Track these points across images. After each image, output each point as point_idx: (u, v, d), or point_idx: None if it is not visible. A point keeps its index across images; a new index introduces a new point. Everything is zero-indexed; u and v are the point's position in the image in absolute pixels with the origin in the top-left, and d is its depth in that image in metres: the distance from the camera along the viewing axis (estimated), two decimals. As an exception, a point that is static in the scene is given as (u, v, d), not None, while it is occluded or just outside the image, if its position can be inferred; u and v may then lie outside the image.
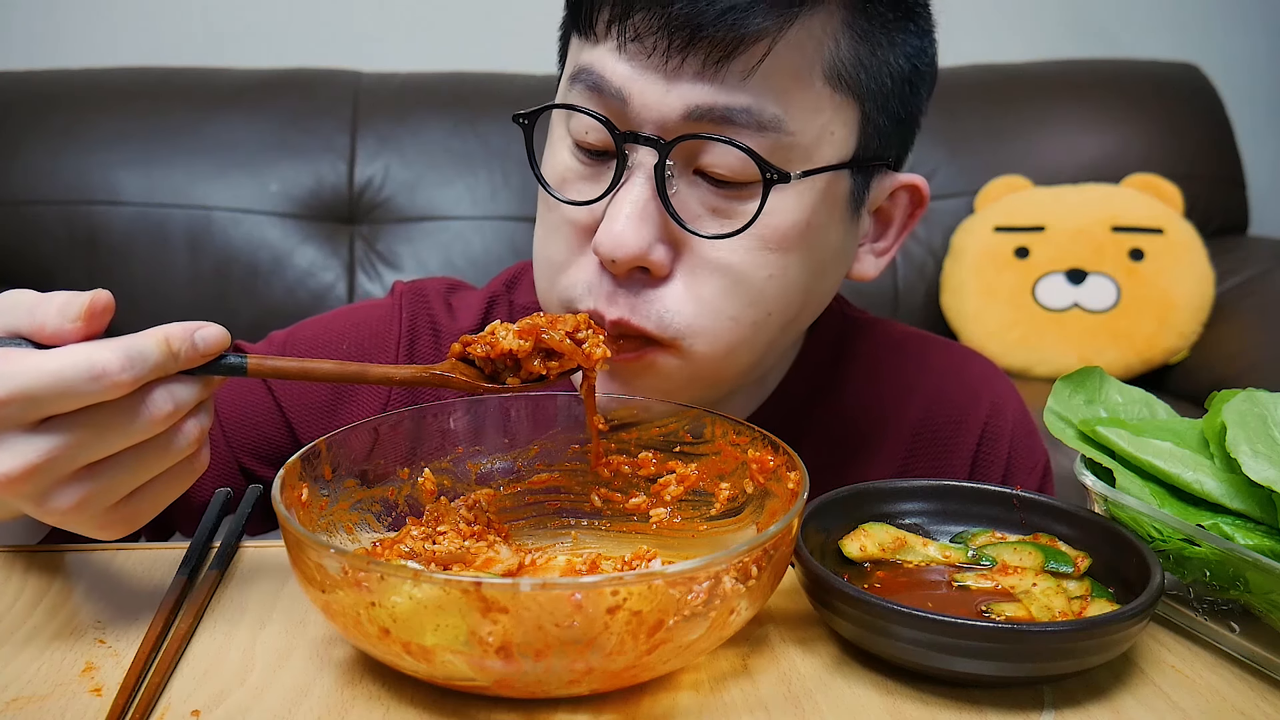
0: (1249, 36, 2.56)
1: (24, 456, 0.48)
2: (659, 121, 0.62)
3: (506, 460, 0.67)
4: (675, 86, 0.61)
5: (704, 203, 0.64)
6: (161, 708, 0.49)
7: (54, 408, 0.48)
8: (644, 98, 0.61)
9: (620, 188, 0.63)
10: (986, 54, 2.34)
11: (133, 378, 0.48)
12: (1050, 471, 0.86)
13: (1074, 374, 0.66)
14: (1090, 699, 0.51)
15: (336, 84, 2.11)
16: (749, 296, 0.65)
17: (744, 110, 0.61)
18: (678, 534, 0.65)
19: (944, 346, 0.87)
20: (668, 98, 0.61)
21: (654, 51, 0.60)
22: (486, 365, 0.60)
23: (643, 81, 0.61)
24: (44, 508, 0.50)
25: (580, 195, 0.65)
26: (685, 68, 0.60)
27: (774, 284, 0.65)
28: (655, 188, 0.62)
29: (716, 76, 0.60)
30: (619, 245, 0.62)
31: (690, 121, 0.61)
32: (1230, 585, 0.54)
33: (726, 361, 0.67)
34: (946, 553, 0.60)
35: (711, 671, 0.53)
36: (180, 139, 2.02)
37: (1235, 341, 1.96)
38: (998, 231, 2.07)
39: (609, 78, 0.62)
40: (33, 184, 1.97)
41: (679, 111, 0.61)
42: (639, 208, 0.62)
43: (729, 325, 0.65)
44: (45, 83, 2.07)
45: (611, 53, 0.62)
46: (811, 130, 0.63)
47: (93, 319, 0.50)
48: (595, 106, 0.63)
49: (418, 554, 0.59)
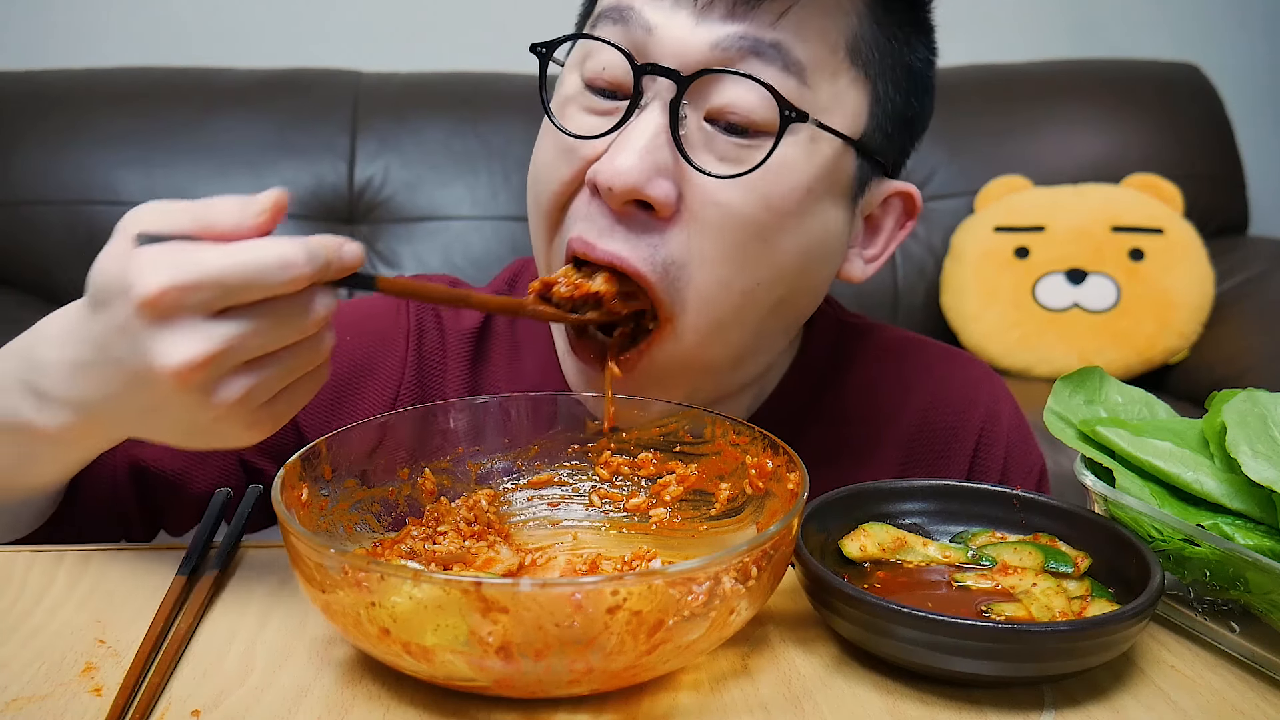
0: (1249, 36, 2.56)
1: (206, 343, 0.48)
2: (681, 55, 0.61)
3: (506, 460, 0.67)
4: (704, 22, 0.61)
5: (713, 149, 0.62)
6: (161, 708, 0.49)
7: (241, 296, 0.48)
8: (670, 29, 0.61)
9: (631, 120, 0.62)
10: (986, 54, 2.34)
11: (313, 273, 0.49)
12: (1046, 475, 0.86)
13: (1074, 374, 0.66)
14: (1090, 699, 0.51)
15: (336, 84, 2.11)
16: (739, 255, 0.64)
17: (773, 45, 0.61)
18: (678, 534, 0.65)
19: (940, 351, 0.87)
20: (695, 32, 0.61)
21: None
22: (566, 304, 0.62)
23: (674, 16, 0.61)
24: (211, 399, 0.49)
25: (586, 132, 0.64)
26: (715, 6, 0.61)
27: (766, 248, 0.64)
28: (668, 121, 0.61)
29: (746, 16, 0.61)
30: (619, 173, 0.60)
31: (715, 57, 0.61)
32: (1230, 585, 0.54)
33: (717, 337, 0.66)
34: (946, 553, 0.60)
35: (711, 671, 0.53)
36: (180, 139, 2.02)
37: (1235, 341, 1.96)
38: (998, 231, 2.07)
39: (638, 10, 0.62)
40: (33, 184, 1.97)
41: (705, 45, 0.61)
42: (649, 138, 0.60)
43: (717, 290, 0.64)
44: (45, 83, 2.07)
45: None
46: (827, 94, 0.63)
47: (276, 215, 0.51)
48: (618, 39, 0.62)
49: (418, 554, 0.59)
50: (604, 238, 0.63)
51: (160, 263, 0.48)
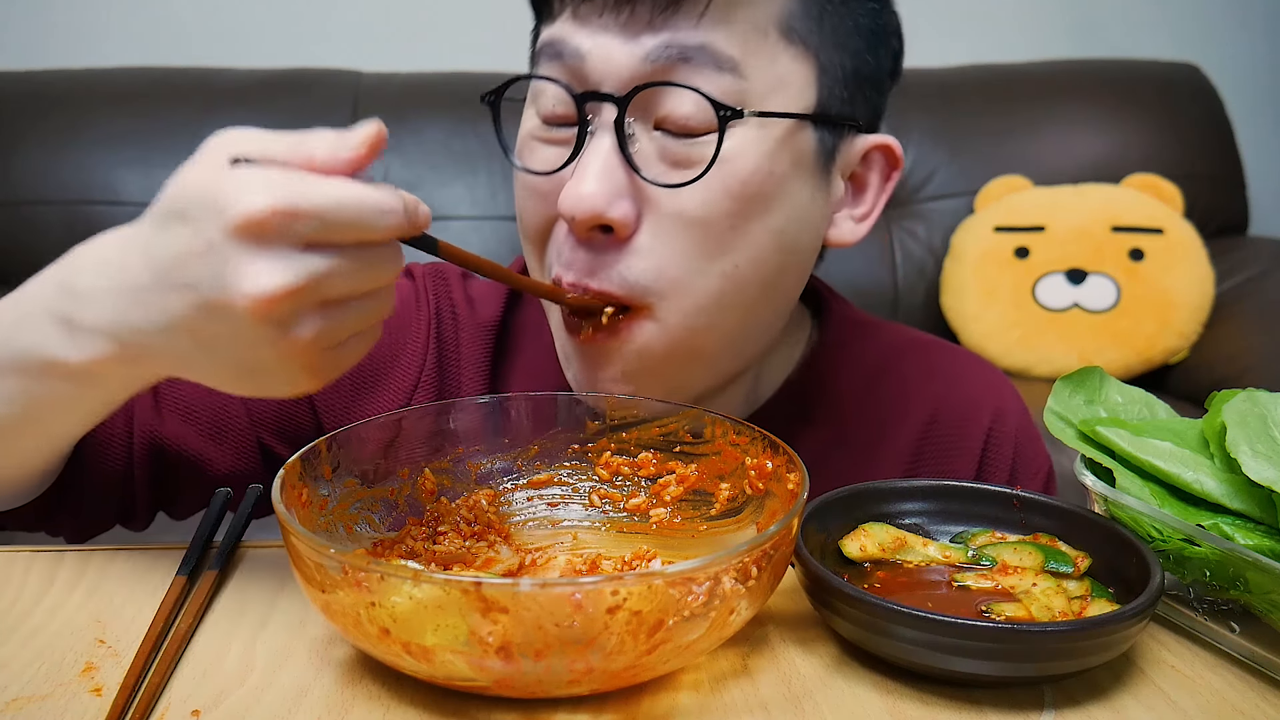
0: (1249, 36, 2.56)
1: (297, 274, 0.47)
2: (617, 76, 0.62)
3: (506, 460, 0.68)
4: (630, 40, 0.62)
5: (665, 156, 0.63)
6: (161, 708, 0.49)
7: (340, 234, 0.48)
8: (601, 53, 0.62)
9: (584, 150, 0.63)
10: (986, 54, 2.34)
11: (407, 224, 0.50)
12: (1054, 477, 0.86)
13: (1074, 374, 0.66)
14: (1090, 699, 0.51)
15: (336, 84, 2.11)
16: (713, 247, 0.64)
17: (699, 48, 0.61)
18: (678, 534, 0.65)
19: (948, 351, 0.87)
20: (624, 50, 0.62)
21: (605, 9, 0.62)
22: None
23: (599, 39, 0.62)
24: (286, 335, 0.48)
25: (546, 166, 0.66)
26: (637, 18, 0.61)
27: (738, 234, 0.65)
28: (617, 144, 0.62)
29: (668, 23, 0.61)
30: (579, 203, 0.61)
31: (647, 70, 0.62)
32: (1230, 585, 0.54)
33: (702, 322, 0.66)
34: (946, 553, 0.60)
35: (711, 671, 0.53)
36: (180, 139, 2.00)
37: (1235, 341, 1.96)
38: (998, 231, 2.07)
39: (567, 42, 0.63)
40: (33, 184, 1.97)
41: (637, 60, 0.62)
42: (601, 164, 0.62)
43: (694, 279, 0.65)
44: (45, 83, 2.07)
45: (568, 22, 0.64)
46: (768, 79, 0.63)
47: (373, 151, 0.50)
48: (557, 73, 0.64)
49: (418, 554, 0.59)
50: (571, 270, 0.65)
51: (264, 184, 0.47)
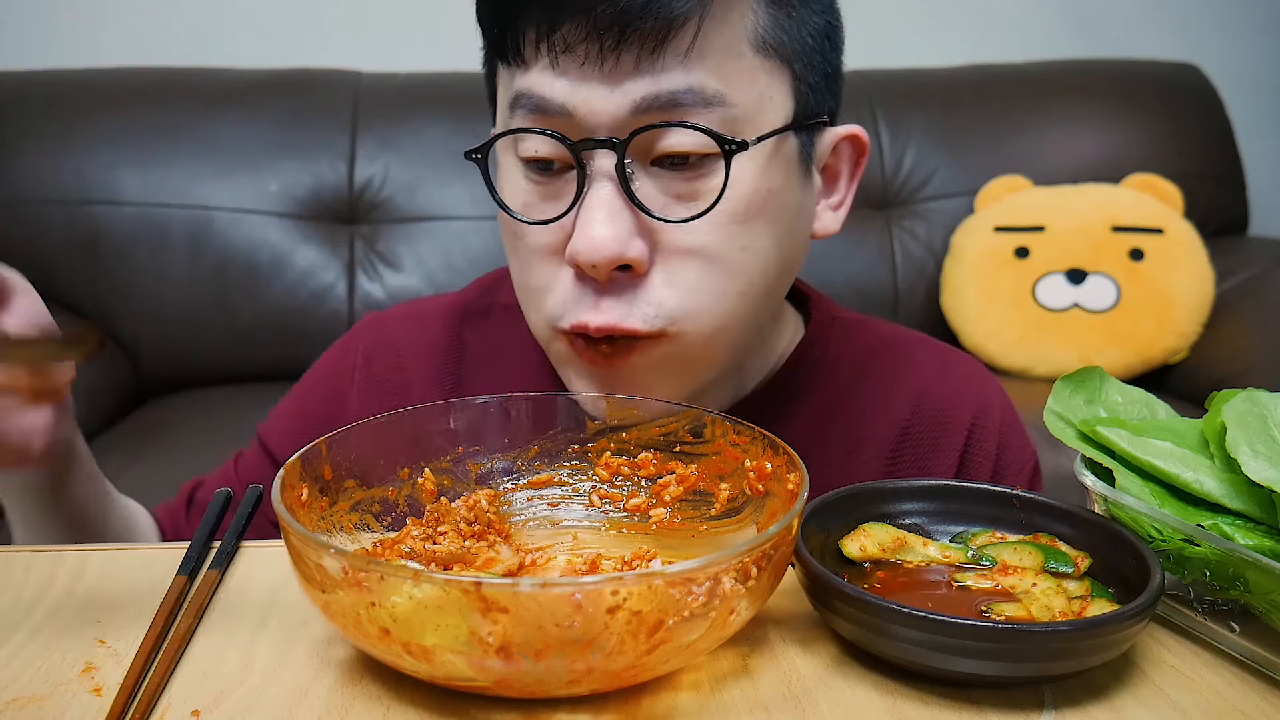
0: (1249, 36, 2.56)
1: None
2: (609, 124, 0.62)
3: (506, 460, 0.68)
4: (617, 86, 0.62)
5: (667, 191, 0.64)
6: (161, 708, 0.49)
7: None
8: (589, 105, 0.62)
9: (585, 196, 0.63)
10: (986, 54, 2.34)
11: None
12: (1039, 472, 0.86)
13: (1074, 374, 0.66)
14: (1090, 699, 0.51)
15: (336, 84, 2.11)
16: (728, 272, 0.66)
17: (688, 91, 0.62)
18: (678, 534, 0.65)
19: (931, 346, 0.87)
20: (612, 99, 0.62)
21: (587, 58, 0.61)
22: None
23: (584, 90, 0.62)
24: None
25: (545, 215, 0.66)
26: (621, 66, 0.61)
27: (748, 255, 0.66)
28: (620, 186, 0.63)
29: (654, 67, 0.61)
30: (596, 249, 0.62)
31: (639, 115, 0.62)
32: (1230, 585, 0.54)
33: (715, 339, 0.68)
34: (946, 553, 0.60)
35: (711, 671, 0.53)
36: (180, 139, 2.02)
37: (1235, 341, 1.96)
38: (998, 231, 2.07)
39: (550, 96, 0.63)
40: (33, 184, 1.97)
41: (626, 109, 0.62)
42: (608, 208, 0.62)
43: (713, 303, 0.66)
44: (45, 83, 2.07)
45: (546, 71, 0.63)
46: (751, 99, 0.64)
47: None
48: (541, 124, 0.64)
49: (418, 554, 0.59)
50: (595, 312, 0.65)
51: None
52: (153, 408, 1.91)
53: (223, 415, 1.83)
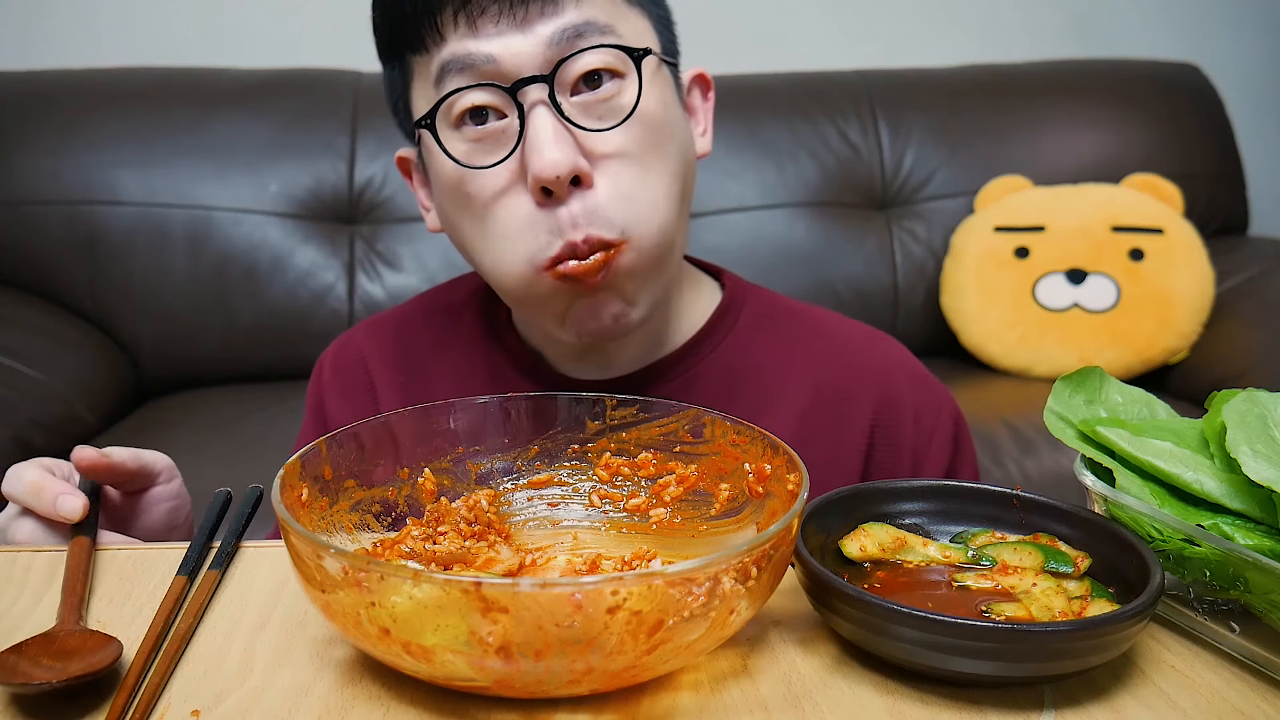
0: (1249, 36, 2.56)
1: None
2: (531, 63, 0.73)
3: (506, 460, 0.68)
4: (530, 31, 0.73)
5: (589, 111, 0.75)
6: (161, 708, 0.49)
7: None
8: (511, 51, 0.73)
9: (528, 127, 0.73)
10: (986, 54, 2.34)
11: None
12: (963, 421, 0.90)
13: (1074, 374, 0.66)
14: (1090, 699, 0.51)
15: (336, 84, 2.11)
16: (655, 174, 0.76)
17: (586, 23, 0.74)
18: (678, 534, 0.65)
19: (834, 315, 0.95)
20: (529, 42, 0.73)
21: (501, 16, 0.73)
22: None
23: (503, 41, 0.73)
24: None
25: (493, 158, 0.75)
26: (530, 15, 0.73)
27: (663, 159, 0.77)
28: (554, 112, 0.73)
29: (556, 11, 0.73)
30: (554, 164, 0.71)
31: (552, 49, 0.73)
32: (1230, 585, 0.54)
33: (666, 241, 0.77)
34: (946, 553, 0.60)
35: (711, 671, 0.53)
36: (180, 139, 2.02)
37: (1235, 341, 1.96)
38: (998, 231, 2.07)
39: (476, 52, 0.73)
40: (33, 184, 1.97)
41: (542, 46, 0.73)
42: (553, 130, 0.72)
43: (652, 207, 0.76)
44: (45, 83, 2.07)
45: (466, 37, 0.74)
46: (630, 34, 0.77)
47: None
48: (475, 79, 0.74)
49: (418, 554, 0.59)
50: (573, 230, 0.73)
51: None
52: (153, 408, 1.91)
53: (223, 415, 1.83)
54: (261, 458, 1.49)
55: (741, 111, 2.12)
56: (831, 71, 2.24)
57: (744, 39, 2.38)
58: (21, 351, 1.73)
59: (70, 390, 1.74)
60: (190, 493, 0.81)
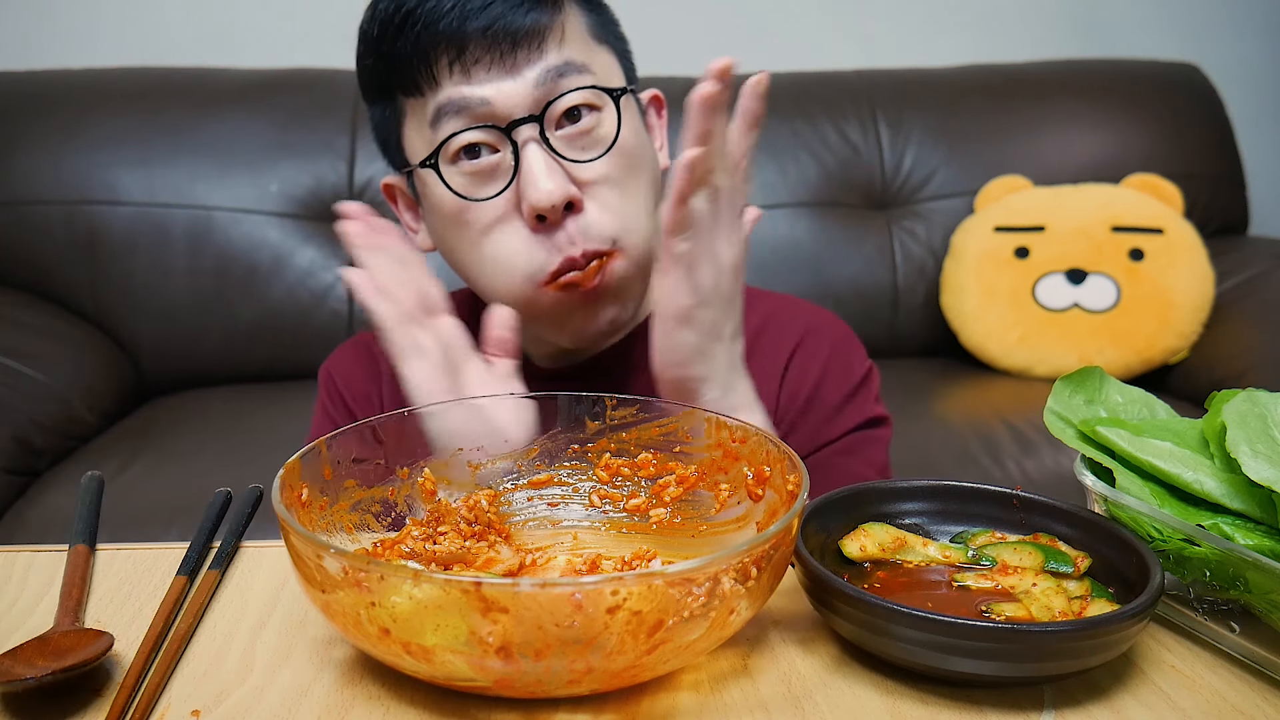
0: (1249, 36, 2.56)
1: None
2: (521, 103, 0.80)
3: (506, 460, 0.68)
4: (518, 75, 0.80)
5: (574, 144, 0.82)
6: (161, 708, 0.49)
7: None
8: (502, 94, 0.80)
9: (522, 162, 0.80)
10: (986, 54, 2.34)
11: None
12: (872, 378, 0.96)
13: (1074, 374, 0.66)
14: (1090, 699, 0.51)
15: (336, 84, 2.11)
16: (632, 193, 0.84)
17: (567, 64, 0.81)
18: (678, 534, 0.65)
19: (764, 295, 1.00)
20: (518, 86, 0.80)
21: (492, 64, 0.80)
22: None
23: (495, 85, 0.80)
24: None
25: (491, 191, 0.81)
26: (518, 61, 0.80)
27: (640, 178, 0.85)
28: (545, 147, 0.80)
29: (540, 56, 0.81)
30: (549, 195, 0.79)
31: (538, 89, 0.80)
32: (1230, 585, 0.54)
33: (649, 248, 0.85)
34: (946, 553, 0.60)
35: (711, 671, 0.53)
36: (180, 139, 2.01)
37: (1235, 341, 1.96)
38: (998, 231, 2.07)
39: (470, 96, 0.80)
40: (33, 184, 1.97)
41: (530, 88, 0.80)
42: (545, 164, 0.80)
43: (633, 221, 0.84)
44: (45, 83, 2.07)
45: (460, 82, 0.80)
46: (603, 71, 0.84)
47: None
48: (470, 121, 0.81)
49: (418, 554, 0.59)
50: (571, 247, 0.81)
51: None
52: (153, 408, 1.91)
53: (223, 415, 1.83)
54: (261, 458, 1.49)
55: (741, 111, 2.12)
56: (831, 71, 2.24)
57: (744, 39, 2.38)
58: (21, 351, 1.73)
59: (70, 390, 1.74)
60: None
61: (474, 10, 0.79)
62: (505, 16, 0.80)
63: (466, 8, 0.79)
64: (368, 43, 0.84)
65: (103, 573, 0.63)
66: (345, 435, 0.61)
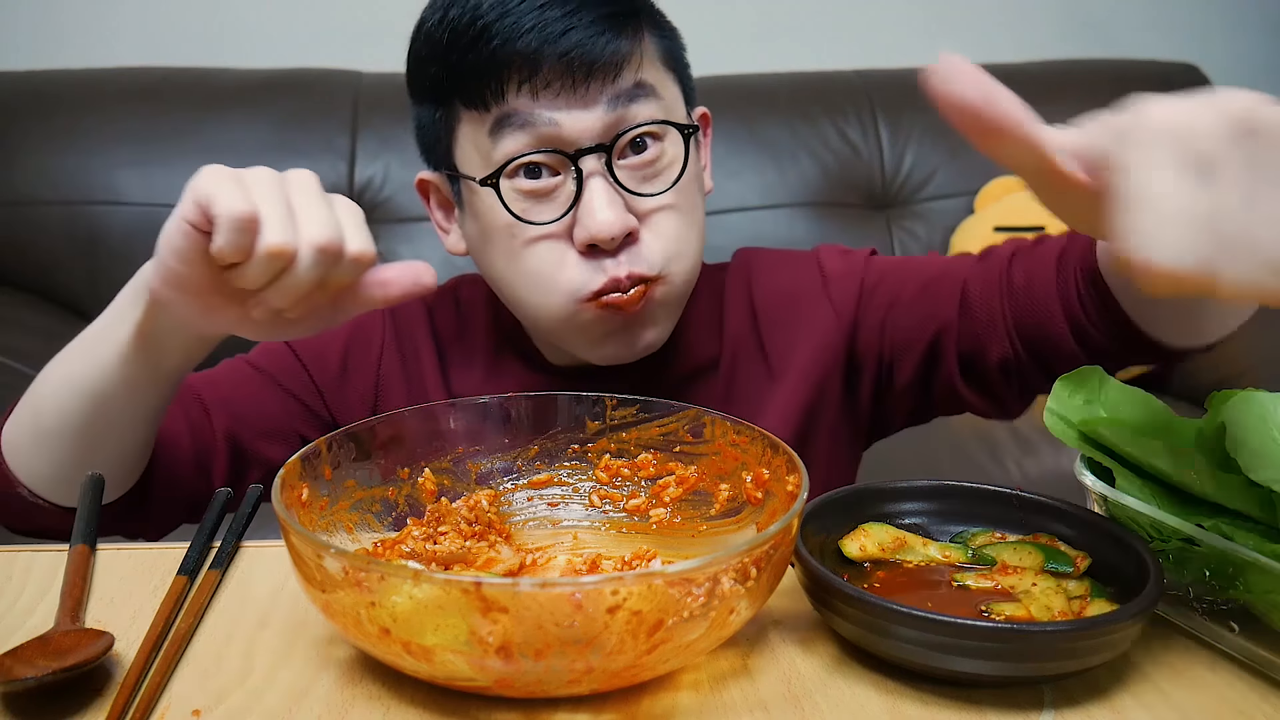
0: (1249, 36, 2.56)
1: None
2: (590, 131, 0.78)
3: (506, 460, 0.68)
4: (591, 105, 0.78)
5: (636, 175, 0.81)
6: (161, 708, 0.49)
7: None
8: (571, 120, 0.78)
9: (584, 190, 0.79)
10: (986, 54, 2.34)
11: None
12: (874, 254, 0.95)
13: (1074, 374, 0.66)
14: (1090, 699, 0.51)
15: (336, 84, 2.11)
16: (689, 222, 0.84)
17: (638, 87, 0.80)
18: (678, 534, 0.65)
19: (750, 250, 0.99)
20: (589, 115, 0.78)
21: (563, 89, 0.77)
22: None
23: (565, 111, 0.78)
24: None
25: (542, 213, 0.80)
26: (591, 91, 0.78)
27: (697, 208, 0.85)
28: (609, 178, 0.79)
29: (616, 78, 0.79)
30: (608, 228, 0.77)
31: (611, 115, 0.78)
32: (1230, 585, 0.54)
33: (690, 277, 0.85)
34: (946, 553, 0.60)
35: (711, 671, 0.53)
36: (180, 139, 2.01)
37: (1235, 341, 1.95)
38: (998, 231, 2.07)
39: (538, 114, 0.78)
40: (33, 184, 1.97)
41: (601, 114, 0.78)
42: (607, 196, 0.78)
43: (685, 248, 0.83)
44: (45, 83, 2.06)
45: (526, 100, 0.78)
46: (670, 99, 0.84)
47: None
48: (534, 138, 0.78)
49: (418, 554, 0.59)
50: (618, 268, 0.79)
51: None
52: (153, 408, 1.91)
53: (223, 415, 1.83)
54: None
55: (741, 111, 2.12)
56: (831, 71, 2.24)
57: (744, 39, 2.38)
58: (21, 351, 1.73)
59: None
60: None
61: (554, 35, 0.76)
62: (584, 45, 0.77)
63: (546, 31, 0.76)
64: (434, 48, 0.81)
65: (103, 573, 0.63)
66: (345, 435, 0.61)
